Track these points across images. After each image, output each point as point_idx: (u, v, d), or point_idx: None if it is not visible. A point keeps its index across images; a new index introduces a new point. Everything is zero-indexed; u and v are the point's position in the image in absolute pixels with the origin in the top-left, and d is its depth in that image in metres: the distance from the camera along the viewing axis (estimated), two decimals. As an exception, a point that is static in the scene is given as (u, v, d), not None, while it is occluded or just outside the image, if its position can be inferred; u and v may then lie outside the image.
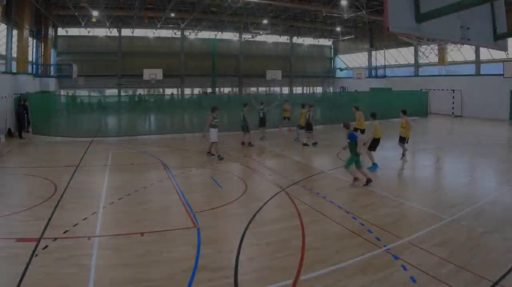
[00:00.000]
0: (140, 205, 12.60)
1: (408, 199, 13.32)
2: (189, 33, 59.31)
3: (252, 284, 7.74)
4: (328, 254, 8.92)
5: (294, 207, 12.39)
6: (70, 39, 54.99)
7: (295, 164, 19.19)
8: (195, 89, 62.32)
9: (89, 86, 55.92)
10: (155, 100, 47.03)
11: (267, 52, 66.08)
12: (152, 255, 8.91)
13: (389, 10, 6.70)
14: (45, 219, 10.97)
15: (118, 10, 48.30)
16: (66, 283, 7.62)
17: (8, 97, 28.63)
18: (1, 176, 16.34)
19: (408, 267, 8.21)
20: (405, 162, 18.79)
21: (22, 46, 35.18)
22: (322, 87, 70.16)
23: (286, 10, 49.68)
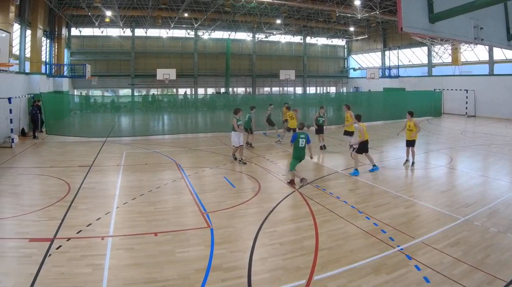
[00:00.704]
0: (153, 205, 12.63)
1: (422, 199, 13.27)
2: (203, 33, 59.54)
3: (266, 284, 7.75)
4: (341, 254, 8.93)
5: (307, 207, 12.40)
6: (83, 39, 55.17)
7: (309, 164, 18.96)
8: (208, 89, 62.40)
9: (102, 86, 56.45)
10: (168, 100, 47.20)
11: (281, 52, 66.02)
12: (165, 255, 8.94)
13: (402, 10, 6.69)
14: (58, 219, 11.03)
15: (131, 10, 48.42)
16: (80, 283, 7.65)
17: (22, 97, 28.71)
18: (15, 176, 16.42)
19: (422, 267, 8.21)
20: (408, 167, 18.16)
21: (36, 46, 35.21)
22: (336, 87, 69.98)
23: (300, 10, 49.67)
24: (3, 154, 21.01)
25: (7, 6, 28.23)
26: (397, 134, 20.77)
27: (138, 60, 57.43)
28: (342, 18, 52.24)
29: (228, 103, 40.85)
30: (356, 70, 68.91)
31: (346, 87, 69.76)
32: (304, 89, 67.53)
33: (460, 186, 15.31)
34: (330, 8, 44.61)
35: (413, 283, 7.64)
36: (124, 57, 56.75)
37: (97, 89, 56.58)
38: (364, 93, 51.47)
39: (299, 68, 66.20)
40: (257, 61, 64.12)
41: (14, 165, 18.76)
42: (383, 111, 38.77)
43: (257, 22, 53.72)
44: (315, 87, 69.48)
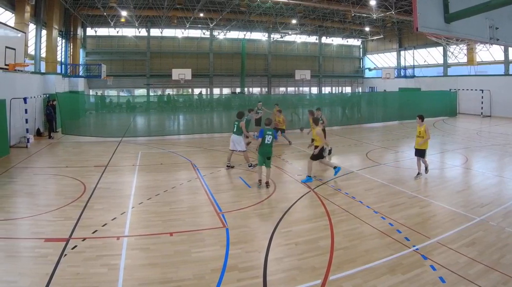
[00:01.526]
0: (169, 205, 12.65)
1: (437, 199, 13.21)
2: (218, 33, 59.76)
3: (281, 284, 7.75)
4: (357, 254, 8.93)
5: (323, 207, 12.39)
6: (99, 39, 55.49)
7: (324, 164, 19.10)
8: (224, 89, 62.42)
9: (118, 86, 56.60)
10: (184, 100, 47.31)
11: (296, 52, 65.97)
12: (181, 255, 8.96)
13: (417, 10, 6.67)
14: (74, 219, 11.08)
15: (146, 10, 48.69)
16: (95, 283, 7.68)
17: (37, 97, 28.85)
18: (30, 176, 16.50)
19: (437, 267, 8.19)
20: (421, 179, 16.40)
21: (51, 46, 35.44)
22: (351, 87, 69.85)
23: (315, 10, 49.59)
24: (18, 154, 21.16)
25: (23, 6, 28.38)
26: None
27: (154, 60, 57.67)
28: (358, 18, 52.22)
29: (244, 103, 40.83)
30: (372, 70, 68.81)
31: (362, 87, 69.59)
32: (319, 89, 67.49)
33: (475, 186, 15.23)
34: (345, 8, 44.62)
35: (428, 283, 7.62)
36: (139, 57, 57.03)
37: (112, 89, 56.79)
38: (379, 93, 51.38)
39: (314, 68, 66.13)
40: (273, 61, 64.07)
41: (29, 165, 18.84)
42: (398, 111, 38.65)
43: (273, 22, 53.91)
44: (330, 87, 69.39)
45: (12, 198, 13.45)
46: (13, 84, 23.31)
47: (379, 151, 22.06)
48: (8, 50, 18.03)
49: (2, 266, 8.29)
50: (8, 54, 18.12)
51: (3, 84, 20.52)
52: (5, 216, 11.43)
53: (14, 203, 12.97)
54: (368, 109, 39.81)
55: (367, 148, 22.92)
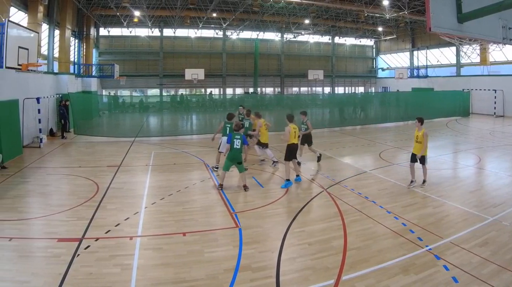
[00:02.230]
0: (182, 205, 12.67)
1: (450, 199, 13.17)
2: (231, 33, 59.81)
3: (294, 284, 7.75)
4: (370, 254, 8.93)
5: (336, 207, 12.39)
6: (111, 39, 55.72)
7: (337, 164, 19.15)
8: (237, 89, 62.49)
9: (130, 86, 56.70)
10: (197, 100, 47.39)
11: (309, 52, 65.86)
12: (194, 255, 8.98)
13: (431, 10, 6.66)
14: (87, 219, 11.12)
15: (159, 10, 48.84)
16: (108, 283, 7.71)
17: (50, 97, 28.97)
18: (43, 176, 16.56)
19: (450, 267, 8.18)
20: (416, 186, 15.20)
21: (64, 46, 35.64)
22: (364, 87, 69.69)
23: (328, 10, 49.53)
24: (31, 154, 21.25)
25: (36, 6, 28.55)
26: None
27: (167, 60, 57.75)
28: (371, 18, 52.20)
29: (257, 103, 40.90)
30: (385, 70, 68.63)
31: (375, 87, 69.48)
32: (332, 89, 67.39)
33: (488, 186, 15.20)
34: (358, 8, 44.61)
35: (441, 283, 7.62)
36: (152, 57, 57.15)
37: (125, 89, 56.95)
38: (392, 93, 51.25)
39: (327, 68, 66.03)
40: (286, 61, 63.98)
41: (42, 165, 18.90)
42: (411, 111, 38.53)
43: (286, 22, 53.93)
44: (343, 87, 69.27)
45: (25, 198, 13.52)
46: (26, 84, 23.41)
47: (392, 150, 22.02)
48: (21, 50, 18.14)
49: (15, 266, 8.33)
50: (21, 54, 18.23)
51: (16, 84, 20.62)
52: (18, 216, 11.49)
53: (27, 203, 13.03)
54: (381, 109, 39.70)
55: (380, 147, 22.93)
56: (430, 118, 37.12)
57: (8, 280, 7.73)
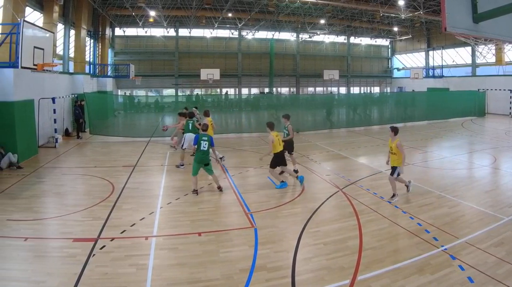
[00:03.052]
0: (197, 205, 12.69)
1: (465, 198, 13.13)
2: (247, 33, 59.79)
3: (310, 284, 7.75)
4: (385, 254, 8.92)
5: (351, 207, 12.39)
6: (127, 39, 55.90)
7: (353, 164, 19.15)
8: (252, 89, 62.58)
9: (146, 86, 56.94)
10: (212, 100, 47.45)
11: (324, 52, 65.65)
12: (209, 255, 8.99)
13: (446, 10, 6.61)
14: (102, 219, 11.17)
15: (175, 10, 48.97)
16: (123, 283, 7.74)
17: (66, 97, 29.13)
18: (59, 176, 16.63)
19: (465, 267, 8.16)
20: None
21: (80, 46, 35.67)
22: (380, 87, 69.43)
23: (344, 10, 49.50)
24: (47, 154, 21.34)
25: (51, 6, 28.66)
26: (386, 163, 14.31)
27: (182, 60, 57.87)
28: (386, 18, 52.18)
29: (272, 104, 40.85)
30: (400, 70, 68.38)
31: (390, 87, 69.21)
32: (348, 89, 67.20)
33: (504, 186, 15.14)
34: (374, 8, 44.52)
35: (457, 283, 7.60)
36: (167, 57, 57.28)
37: (140, 89, 57.22)
38: (408, 93, 50.99)
39: (343, 68, 65.84)
40: (301, 61, 63.99)
41: (58, 165, 18.97)
42: (427, 111, 38.43)
43: (301, 22, 53.70)
44: (359, 87, 69.10)
45: (41, 198, 13.59)
46: (42, 84, 23.53)
47: (407, 150, 21.69)
48: (36, 50, 18.21)
49: (30, 266, 8.38)
50: (37, 54, 18.30)
51: (31, 84, 20.69)
52: (34, 216, 11.55)
53: (42, 203, 13.10)
54: (396, 110, 39.53)
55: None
56: (446, 118, 37.42)
57: (24, 280, 7.78)
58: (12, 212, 11.73)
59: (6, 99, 18.32)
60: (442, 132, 29.31)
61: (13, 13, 20.96)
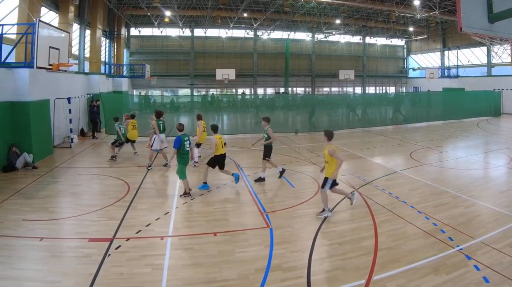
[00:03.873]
0: (212, 205, 12.71)
1: (481, 198, 13.07)
2: (262, 33, 59.95)
3: (325, 284, 7.77)
4: (400, 254, 8.91)
5: (366, 207, 12.38)
6: (142, 39, 56.08)
7: (368, 164, 19.13)
8: (267, 89, 62.54)
9: (161, 86, 57.12)
10: (227, 100, 47.48)
11: (340, 52, 65.43)
12: (224, 255, 9.01)
13: (461, 10, 6.60)
14: (118, 219, 11.22)
15: (190, 10, 49.05)
16: (139, 283, 7.77)
17: (81, 97, 29.30)
18: (74, 176, 16.71)
19: (481, 267, 8.14)
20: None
21: (95, 46, 35.82)
22: (395, 87, 69.17)
23: (359, 10, 49.53)
24: (62, 154, 21.45)
25: (67, 6, 28.85)
26: (321, 171, 12.75)
27: (197, 60, 57.98)
28: (401, 18, 52.07)
29: (288, 103, 40.83)
30: (416, 70, 68.13)
31: (406, 87, 69.03)
32: (363, 89, 67.09)
33: (520, 185, 15.03)
34: (389, 8, 44.45)
35: (472, 283, 7.59)
36: (183, 57, 57.39)
37: (156, 89, 57.37)
38: (423, 93, 50.78)
39: (358, 68, 65.81)
40: (317, 61, 63.85)
41: (73, 165, 19.09)
42: (442, 111, 38.29)
43: (316, 22, 53.72)
44: (374, 87, 68.88)
45: (56, 198, 13.68)
46: (57, 84, 23.65)
47: (422, 150, 21.87)
48: (52, 50, 18.27)
49: (46, 266, 8.42)
50: (52, 54, 18.36)
51: (47, 84, 20.77)
52: (49, 216, 11.62)
53: (58, 203, 13.19)
54: (412, 109, 39.38)
55: (411, 147, 22.82)
56: (461, 118, 37.40)
57: (39, 280, 7.81)
58: (27, 212, 11.79)
59: (21, 99, 18.43)
60: (458, 132, 29.21)
61: (28, 13, 21.08)
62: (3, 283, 7.66)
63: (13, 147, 17.62)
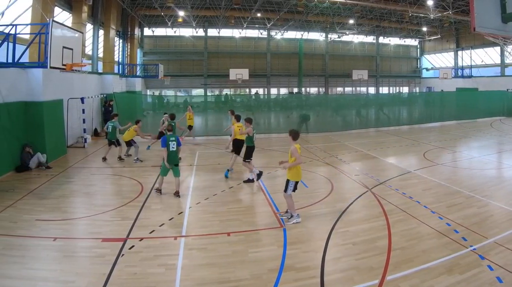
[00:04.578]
0: (226, 205, 12.70)
1: (495, 199, 13.03)
2: (275, 33, 60.04)
3: (338, 284, 7.76)
4: (414, 254, 8.89)
5: (380, 207, 12.35)
6: (156, 39, 56.34)
7: (382, 164, 19.08)
8: (281, 89, 62.60)
9: (175, 86, 57.40)
10: (241, 100, 47.51)
11: (353, 52, 65.42)
12: (238, 255, 9.03)
13: (475, 10, 6.59)
14: (131, 219, 11.25)
15: (204, 10, 49.18)
16: (152, 283, 7.78)
17: (94, 97, 29.29)
18: (88, 176, 16.75)
19: (495, 267, 8.12)
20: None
21: (108, 46, 35.91)
22: (408, 87, 69.00)
23: (372, 10, 49.56)
24: (76, 154, 21.54)
25: (80, 6, 28.94)
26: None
27: (211, 60, 58.19)
28: (415, 18, 51.97)
29: (301, 104, 40.77)
30: (429, 70, 67.94)
31: (419, 87, 68.97)
32: (376, 89, 67.01)
33: (534, 186, 14.94)
34: (403, 8, 44.41)
35: (486, 283, 7.58)
36: (196, 57, 57.58)
37: (170, 89, 57.59)
38: (436, 93, 50.62)
39: (371, 68, 65.83)
40: (330, 61, 63.82)
41: (87, 165, 19.15)
42: (455, 111, 38.16)
43: (330, 22, 53.68)
44: (387, 87, 68.80)
45: (70, 198, 13.72)
46: (71, 84, 23.66)
47: (436, 150, 21.83)
48: (65, 50, 18.28)
49: (59, 266, 8.46)
50: (66, 54, 18.38)
51: (60, 84, 20.81)
52: (63, 216, 11.67)
53: (71, 203, 13.23)
54: (425, 109, 39.26)
55: (425, 147, 22.78)
56: (474, 118, 37.43)
57: (53, 280, 7.85)
58: (41, 212, 11.85)
59: (35, 99, 18.53)
60: (471, 132, 29.13)
61: (42, 13, 21.17)
62: (17, 283, 7.72)
63: (26, 147, 17.71)
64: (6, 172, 16.74)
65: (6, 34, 16.00)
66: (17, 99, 17.77)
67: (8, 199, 13.07)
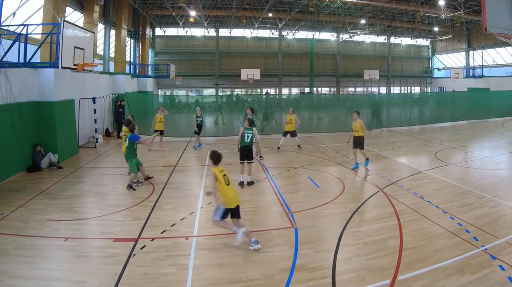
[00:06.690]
0: (238, 205, 12.74)
1: (506, 198, 12.94)
2: (287, 33, 59.83)
3: (350, 284, 7.75)
4: (425, 254, 8.85)
5: (391, 207, 12.31)
6: (167, 39, 56.40)
7: (393, 164, 19.03)
8: (292, 89, 62.56)
9: (186, 86, 57.47)
10: (252, 100, 47.47)
11: (365, 52, 65.37)
12: (249, 255, 9.03)
13: (486, 10, 6.59)
14: (142, 219, 11.27)
15: (215, 10, 49.25)
16: (164, 283, 7.80)
17: (106, 97, 29.39)
18: (99, 176, 16.80)
19: (506, 267, 8.10)
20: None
21: (120, 46, 36.04)
22: (420, 87, 68.78)
23: (384, 10, 49.41)
24: (87, 154, 21.59)
25: (91, 7, 29.09)
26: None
27: (222, 60, 58.29)
28: (426, 18, 51.88)
29: (312, 104, 40.68)
30: (440, 70, 67.78)
31: (431, 87, 68.83)
32: (388, 89, 66.89)
33: (546, 185, 14.90)
34: (414, 8, 44.31)
35: (497, 283, 7.57)
36: (208, 57, 57.76)
37: (181, 89, 57.72)
38: (448, 93, 50.39)
39: (383, 68, 65.67)
40: (341, 61, 63.87)
41: (98, 165, 19.19)
42: (467, 111, 37.91)
43: (341, 22, 53.58)
44: (399, 87, 68.63)
45: (81, 198, 13.77)
46: (82, 84, 23.81)
47: (448, 150, 21.75)
48: (77, 50, 18.31)
49: (71, 266, 8.50)
50: (77, 54, 18.39)
51: (72, 84, 20.88)
52: (74, 216, 11.71)
53: (83, 203, 13.27)
54: (437, 109, 39.12)
55: (436, 147, 22.70)
56: (486, 118, 37.41)
57: (64, 280, 7.89)
58: (52, 212, 11.91)
59: (46, 99, 18.61)
60: (483, 132, 29.04)
61: (53, 13, 21.23)
62: (28, 283, 7.75)
63: (38, 147, 17.77)
64: (18, 172, 16.82)
65: (17, 34, 16.03)
66: (28, 99, 17.85)
67: (20, 199, 13.15)
